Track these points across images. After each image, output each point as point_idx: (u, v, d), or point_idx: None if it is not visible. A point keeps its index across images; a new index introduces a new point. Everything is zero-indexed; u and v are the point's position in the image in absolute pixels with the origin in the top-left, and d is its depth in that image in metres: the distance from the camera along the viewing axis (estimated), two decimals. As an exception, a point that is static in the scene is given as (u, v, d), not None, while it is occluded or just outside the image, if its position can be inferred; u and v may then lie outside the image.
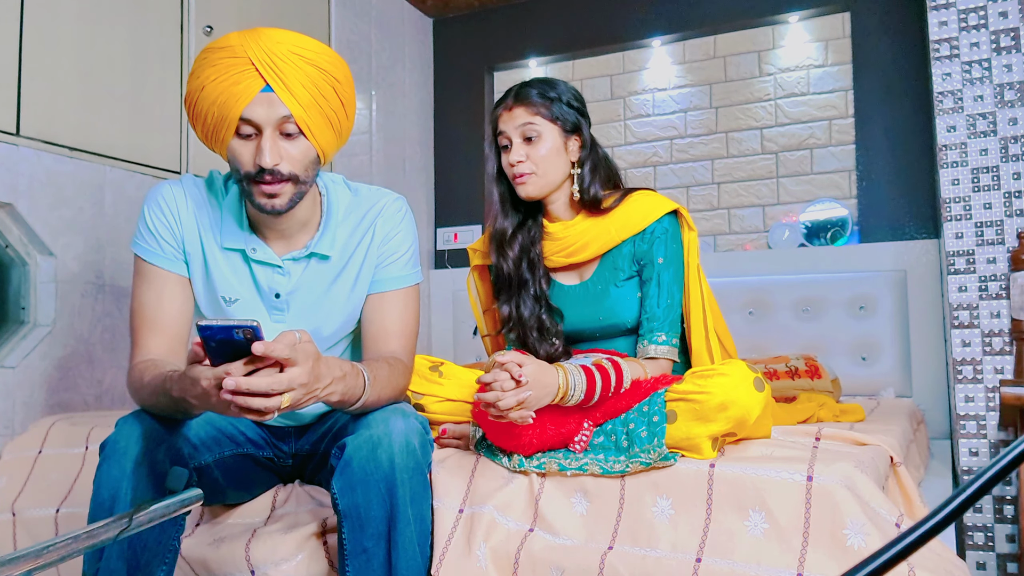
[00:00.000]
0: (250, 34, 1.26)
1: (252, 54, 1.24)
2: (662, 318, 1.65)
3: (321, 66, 1.29)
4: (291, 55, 1.26)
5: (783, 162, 3.13)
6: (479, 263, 1.85)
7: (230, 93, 1.24)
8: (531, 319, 1.70)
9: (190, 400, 1.13)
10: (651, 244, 1.66)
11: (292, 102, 1.25)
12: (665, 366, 1.63)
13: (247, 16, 2.65)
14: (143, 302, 1.36)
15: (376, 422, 1.26)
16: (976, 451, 2.17)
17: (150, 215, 1.38)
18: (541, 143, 1.65)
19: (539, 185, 1.67)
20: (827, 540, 1.23)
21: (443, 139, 3.73)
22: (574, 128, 1.69)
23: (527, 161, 1.65)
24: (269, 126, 1.26)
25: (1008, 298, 2.15)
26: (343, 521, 1.24)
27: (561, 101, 1.67)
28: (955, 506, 0.47)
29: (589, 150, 1.71)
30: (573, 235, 1.70)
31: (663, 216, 1.67)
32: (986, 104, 2.19)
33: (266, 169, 1.25)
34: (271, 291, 1.40)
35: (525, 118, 1.65)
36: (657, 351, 1.63)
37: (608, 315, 1.68)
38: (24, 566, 0.86)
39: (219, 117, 1.26)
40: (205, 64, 1.27)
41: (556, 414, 1.43)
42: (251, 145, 1.27)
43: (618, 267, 1.70)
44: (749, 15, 3.16)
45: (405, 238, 1.47)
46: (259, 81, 1.24)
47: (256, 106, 1.24)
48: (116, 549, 1.19)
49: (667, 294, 1.65)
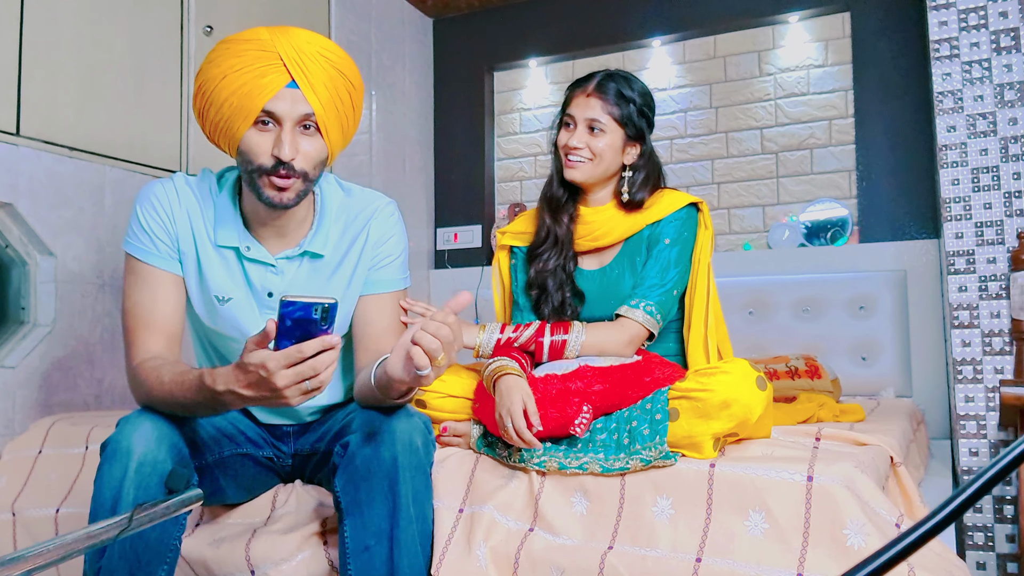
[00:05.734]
0: (280, 30, 1.29)
1: (282, 50, 1.26)
2: (648, 286, 1.66)
3: (343, 70, 1.32)
4: (319, 56, 1.29)
5: (783, 162, 3.13)
6: (507, 243, 1.88)
7: (255, 84, 1.25)
8: (556, 292, 1.74)
9: (239, 392, 1.10)
10: (664, 228, 1.71)
11: (315, 100, 1.28)
12: (632, 330, 1.63)
13: (247, 16, 2.65)
14: (137, 301, 1.35)
15: (379, 420, 1.27)
16: (976, 451, 2.17)
17: (143, 214, 1.37)
18: (603, 137, 1.70)
19: (586, 174, 1.72)
20: (827, 540, 1.23)
21: (443, 139, 3.73)
22: (637, 136, 1.73)
23: (585, 148, 1.70)
24: (290, 121, 1.27)
25: (1008, 298, 2.15)
26: (345, 519, 1.25)
27: (634, 105, 1.71)
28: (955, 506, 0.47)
29: (646, 160, 1.76)
30: (600, 220, 1.75)
31: (682, 207, 1.72)
32: (986, 104, 2.19)
33: (283, 162, 1.27)
34: (264, 290, 1.40)
35: (596, 112, 1.70)
36: (629, 312, 1.63)
37: (620, 303, 1.69)
38: (24, 566, 0.86)
39: (238, 107, 1.27)
40: (228, 54, 1.28)
41: (556, 399, 1.44)
42: (269, 137, 1.28)
43: (636, 253, 1.73)
44: (749, 15, 3.16)
45: (399, 242, 1.49)
46: (286, 76, 1.26)
47: (280, 100, 1.26)
48: (117, 549, 1.19)
49: (661, 269, 1.67)
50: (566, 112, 1.75)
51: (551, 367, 1.58)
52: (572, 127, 1.72)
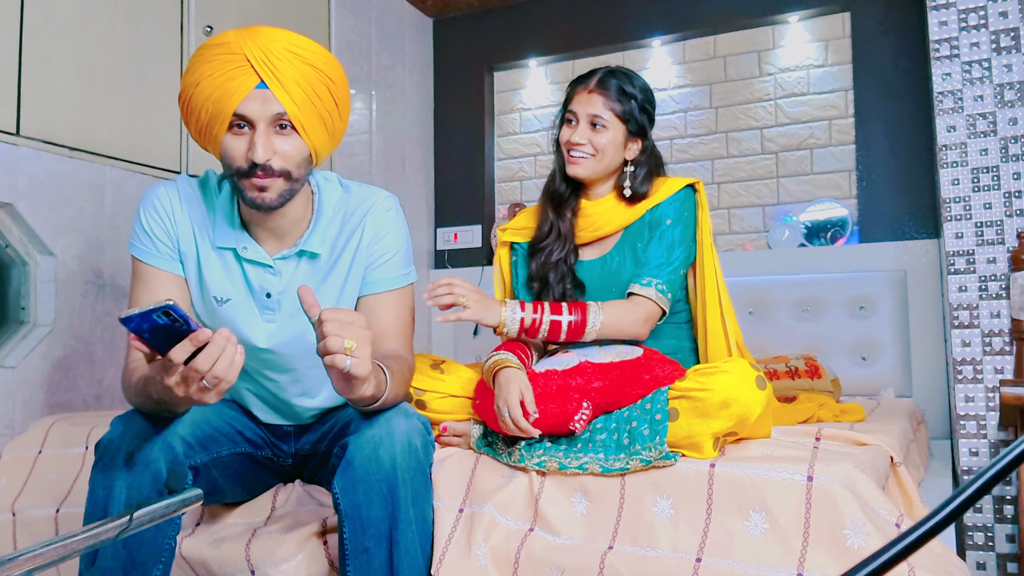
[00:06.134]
0: (247, 32, 1.27)
1: (248, 51, 1.25)
2: (655, 265, 1.67)
3: (316, 65, 1.29)
4: (287, 53, 1.27)
5: (783, 162, 3.13)
6: (508, 240, 1.89)
7: (225, 89, 1.25)
8: (557, 284, 1.74)
9: (170, 398, 1.12)
10: (664, 211, 1.72)
11: (286, 99, 1.26)
12: (641, 304, 1.63)
13: (247, 16, 2.65)
14: (139, 302, 1.36)
15: (378, 422, 1.26)
16: (976, 451, 2.17)
17: (145, 216, 1.38)
18: (605, 133, 1.71)
19: (589, 169, 1.73)
20: (827, 540, 1.23)
21: (443, 139, 3.73)
22: (639, 131, 1.75)
23: (587, 144, 1.71)
24: (263, 122, 1.26)
25: (1008, 298, 2.15)
26: (344, 521, 1.24)
27: (636, 101, 1.73)
28: (955, 506, 0.47)
29: (648, 155, 1.77)
30: (600, 211, 1.76)
31: (679, 190, 1.74)
32: (986, 104, 2.19)
33: (258, 164, 1.26)
34: (262, 291, 1.40)
35: (598, 108, 1.71)
36: (641, 290, 1.65)
37: (620, 292, 1.70)
38: (24, 566, 0.86)
39: (213, 113, 1.27)
40: (201, 60, 1.28)
41: (556, 395, 1.45)
42: (244, 140, 1.27)
43: (638, 238, 1.74)
44: (749, 15, 3.16)
45: (396, 238, 1.45)
46: (254, 78, 1.25)
47: (250, 102, 1.25)
48: (111, 548, 1.19)
49: (666, 248, 1.68)
50: (568, 109, 1.75)
51: (551, 363, 1.58)
52: (574, 123, 1.73)
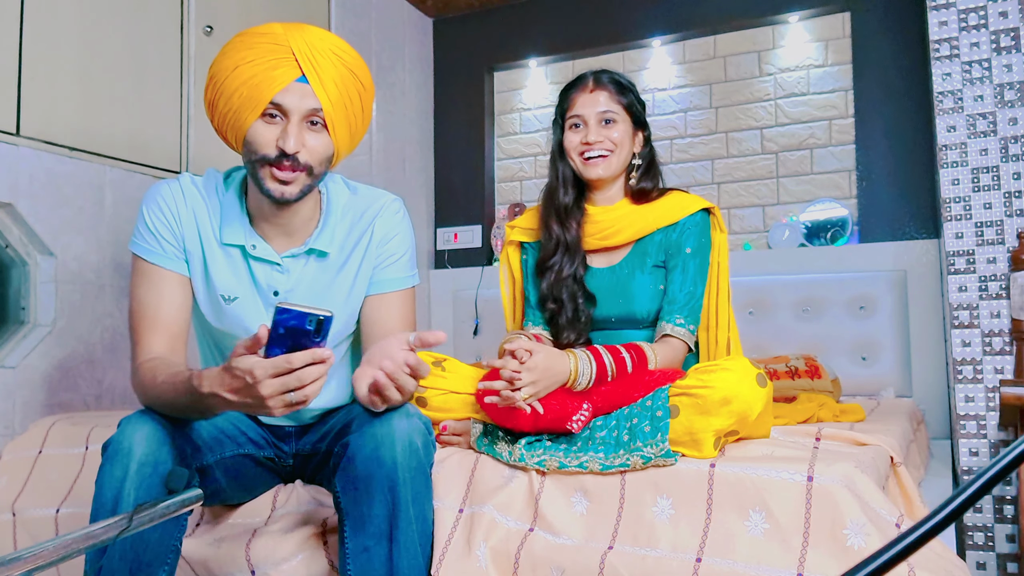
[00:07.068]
0: (294, 26, 1.32)
1: (294, 44, 1.29)
2: (683, 303, 1.68)
3: (354, 70, 1.34)
4: (330, 53, 1.31)
5: (783, 162, 3.13)
6: (516, 239, 1.88)
7: (265, 76, 1.28)
8: (568, 300, 1.74)
9: (224, 396, 1.09)
10: (681, 234, 1.72)
11: (323, 96, 1.30)
12: (679, 348, 1.65)
13: (248, 16, 2.65)
14: (143, 301, 1.36)
15: (379, 421, 1.27)
16: (976, 451, 2.17)
17: (149, 215, 1.38)
18: (616, 127, 1.72)
19: (610, 167, 1.73)
20: (827, 540, 1.23)
21: (443, 139, 3.73)
22: (640, 122, 1.77)
23: (605, 141, 1.71)
24: (297, 114, 1.29)
25: (1008, 298, 2.15)
26: (344, 520, 1.24)
27: (633, 93, 1.76)
28: (955, 506, 0.47)
29: (650, 147, 1.80)
30: (610, 219, 1.76)
31: (697, 212, 1.73)
32: (986, 104, 2.19)
33: (286, 153, 1.28)
34: (269, 289, 1.40)
35: (606, 104, 1.72)
36: (674, 331, 1.66)
37: (627, 302, 1.71)
38: (24, 566, 0.86)
39: (248, 97, 1.29)
40: (242, 46, 1.31)
41: (557, 394, 1.46)
42: (275, 128, 1.30)
43: (647, 254, 1.74)
44: (749, 15, 3.15)
45: (404, 239, 1.48)
46: (296, 71, 1.29)
47: (289, 93, 1.28)
48: (118, 549, 1.19)
49: (691, 283, 1.69)
50: (570, 115, 1.74)
51: None
52: (582, 127, 1.73)
